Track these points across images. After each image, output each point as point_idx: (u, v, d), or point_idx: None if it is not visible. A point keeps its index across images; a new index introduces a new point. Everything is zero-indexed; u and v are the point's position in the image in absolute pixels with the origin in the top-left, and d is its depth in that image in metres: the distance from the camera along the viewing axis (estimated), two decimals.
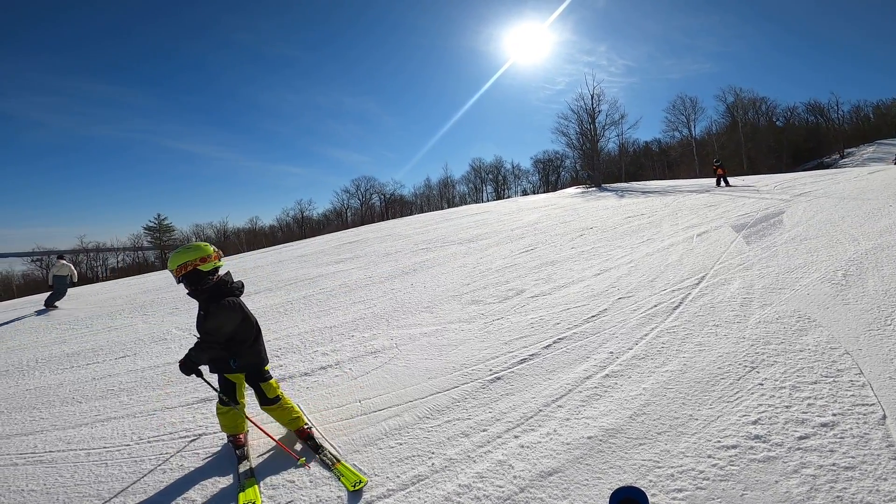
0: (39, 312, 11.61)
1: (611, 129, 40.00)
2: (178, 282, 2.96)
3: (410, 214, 59.61)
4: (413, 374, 4.14)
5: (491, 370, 4.00)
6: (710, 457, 2.59)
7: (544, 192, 51.25)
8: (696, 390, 3.29)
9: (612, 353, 4.08)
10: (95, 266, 59.34)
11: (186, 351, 2.95)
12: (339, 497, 2.61)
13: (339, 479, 2.74)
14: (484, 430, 3.08)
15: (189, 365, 2.87)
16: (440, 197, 75.14)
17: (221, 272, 3.08)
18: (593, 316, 5.06)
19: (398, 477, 2.72)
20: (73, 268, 14.34)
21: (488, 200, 63.87)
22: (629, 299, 5.51)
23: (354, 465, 2.88)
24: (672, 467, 2.53)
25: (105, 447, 3.54)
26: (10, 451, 3.76)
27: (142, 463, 3.20)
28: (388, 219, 60.36)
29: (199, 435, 3.57)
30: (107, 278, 46.56)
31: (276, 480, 2.84)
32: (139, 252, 63.31)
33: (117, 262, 62.16)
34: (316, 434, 3.21)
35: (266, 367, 3.19)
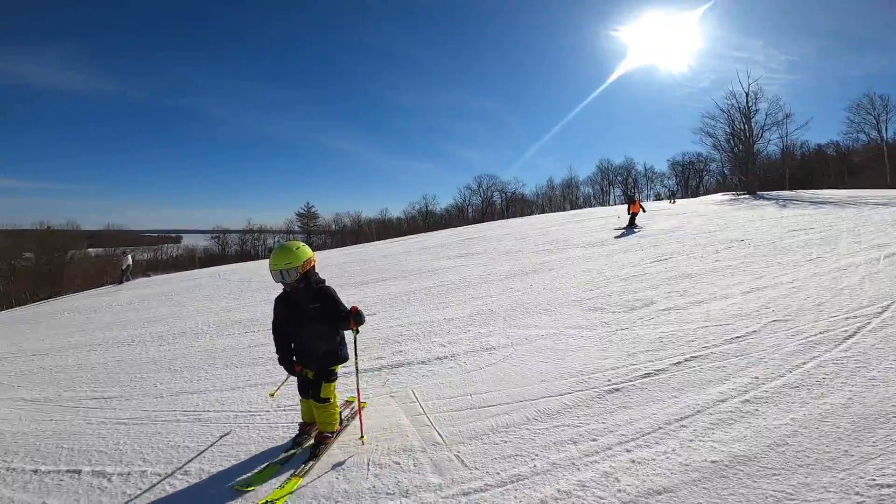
0: (206, 280, 14.07)
1: (771, 129, 34.36)
2: (293, 278, 2.99)
3: (531, 214, 58.72)
4: (526, 375, 4.10)
5: (609, 380, 3.77)
6: (857, 493, 2.19)
7: (681, 198, 46.35)
8: (858, 426, 2.74)
9: (756, 378, 3.56)
10: (257, 245, 69.72)
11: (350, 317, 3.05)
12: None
13: (279, 486, 2.79)
14: (594, 440, 2.93)
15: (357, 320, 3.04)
16: (563, 198, 72.61)
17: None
18: (738, 337, 4.45)
19: (497, 473, 2.71)
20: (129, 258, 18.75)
21: (616, 204, 59.93)
22: (787, 322, 4.72)
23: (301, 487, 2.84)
24: (807, 501, 2.15)
25: (250, 411, 4.07)
26: (176, 408, 4.34)
27: (275, 429, 3.61)
28: (508, 217, 60.43)
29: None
30: (264, 257, 54.13)
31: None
32: (290, 234, 72.91)
33: (274, 242, 72.30)
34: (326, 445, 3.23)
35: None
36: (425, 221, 71.84)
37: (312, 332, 3.13)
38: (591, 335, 4.98)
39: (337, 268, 14.46)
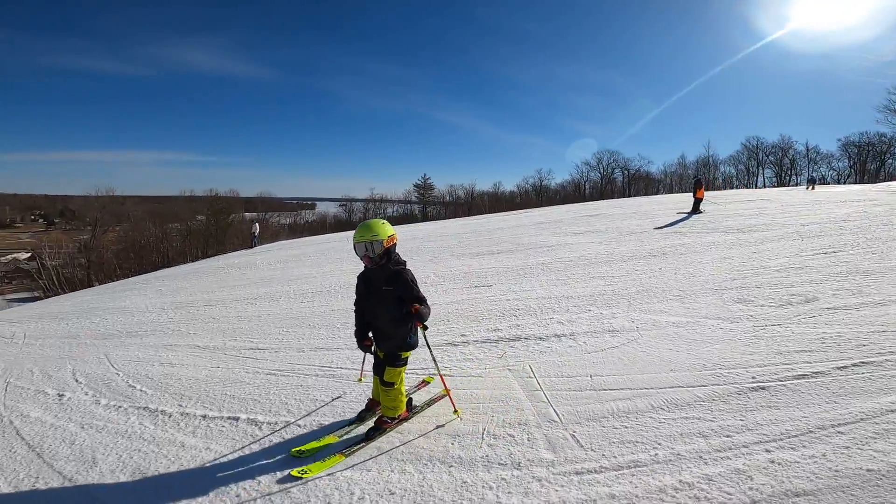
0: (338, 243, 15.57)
1: None
2: (378, 251, 2.99)
3: (657, 193, 53.66)
4: (653, 362, 3.91)
5: (753, 378, 3.42)
6: None
7: (854, 184, 38.07)
8: None
9: None
10: (378, 212, 74.71)
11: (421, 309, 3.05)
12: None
13: (321, 459, 2.92)
14: (728, 436, 2.72)
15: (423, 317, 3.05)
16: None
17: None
18: None
19: (615, 457, 2.66)
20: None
21: (765, 186, 51.66)
22: None
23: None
24: None
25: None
26: (314, 362, 4.82)
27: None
28: (630, 195, 55.98)
29: (444, 374, 4.28)
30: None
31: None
32: (408, 204, 76.83)
33: (393, 211, 76.94)
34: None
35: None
36: (539, 196, 70.07)
37: (385, 313, 3.09)
38: (733, 328, 4.52)
39: (452, 237, 14.95)
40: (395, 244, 3.11)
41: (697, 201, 15.25)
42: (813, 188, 25.47)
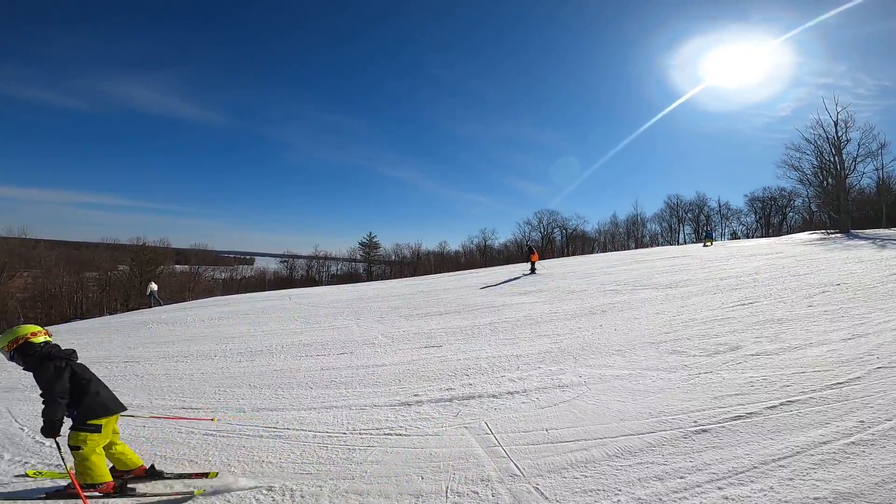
0: (278, 301, 14.92)
1: (865, 161, 31.37)
2: (10, 358, 3.18)
3: (592, 252, 57.16)
4: (603, 414, 4.04)
5: (695, 422, 3.63)
6: None
7: (762, 238, 43.02)
8: None
9: (863, 421, 3.33)
10: (322, 270, 72.93)
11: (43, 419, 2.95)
12: None
13: None
14: (681, 478, 2.85)
15: (48, 426, 2.92)
16: (627, 235, 69.93)
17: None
18: (840, 383, 4.14)
19: None
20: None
21: (686, 243, 56.83)
22: (895, 370, 4.32)
23: None
24: None
25: (327, 432, 4.22)
26: (258, 423, 4.58)
27: (353, 451, 3.77)
28: (567, 255, 59.13)
29: (400, 434, 4.10)
30: (328, 283, 56.34)
31: None
32: (353, 262, 75.70)
33: (337, 269, 75.37)
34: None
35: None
36: (483, 256, 72.03)
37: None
38: (671, 377, 4.81)
39: (400, 298, 14.88)
40: (23, 343, 3.16)
41: (532, 263, 19.31)
42: (711, 244, 28.21)
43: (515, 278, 17.75)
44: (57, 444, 3.05)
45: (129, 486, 3.29)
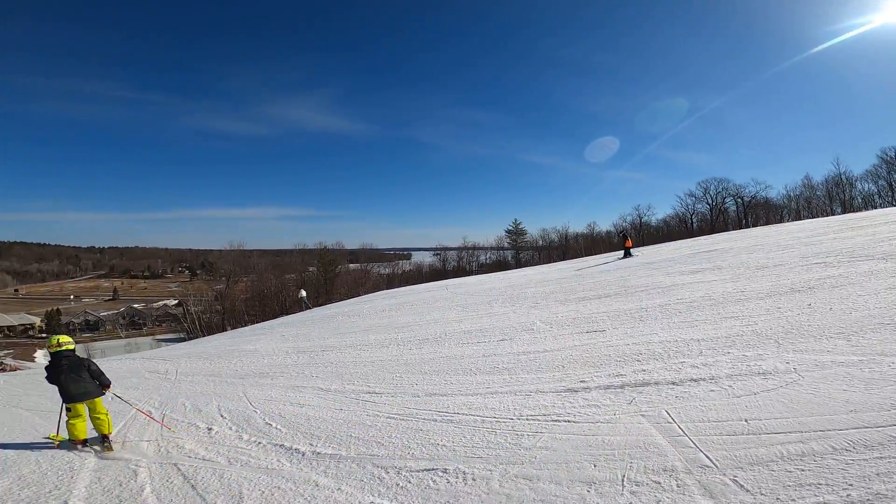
0: (437, 292, 15.84)
1: None
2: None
3: (780, 221, 47.47)
4: (825, 404, 3.33)
5: None
6: None
7: None
8: None
9: None
10: (472, 260, 75.78)
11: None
12: None
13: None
14: None
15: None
16: (829, 198, 56.06)
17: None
18: None
19: (793, 500, 2.35)
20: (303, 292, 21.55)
21: None
22: None
23: None
24: None
25: (494, 417, 4.31)
26: (431, 408, 4.86)
27: (521, 437, 3.79)
28: (747, 226, 50.17)
29: (569, 421, 3.99)
30: (477, 272, 58.22)
31: None
32: (500, 251, 76.83)
33: (486, 258, 77.41)
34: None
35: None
36: (638, 234, 65.93)
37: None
38: None
39: (553, 283, 14.56)
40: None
41: (627, 250, 19.41)
42: None
43: (679, 257, 15.85)
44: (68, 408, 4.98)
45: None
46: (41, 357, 50.31)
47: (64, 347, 4.96)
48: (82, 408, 4.93)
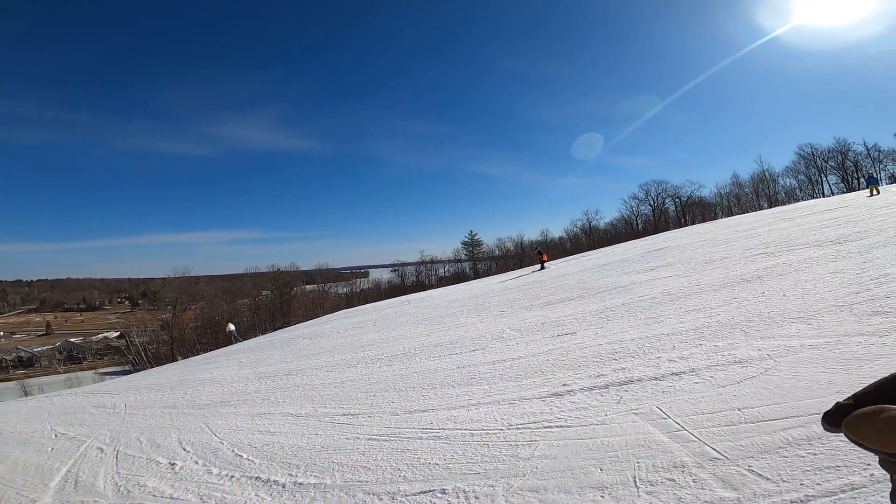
0: (400, 307, 15.55)
1: None
2: None
3: (714, 218, 51.02)
4: (810, 387, 3.40)
5: None
6: None
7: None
8: None
9: None
10: (430, 274, 75.69)
11: None
12: None
13: None
14: None
15: None
16: (756, 194, 61.14)
17: None
18: None
19: (819, 484, 2.31)
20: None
21: (832, 194, 47.96)
22: None
23: None
24: None
25: (483, 429, 4.08)
26: (413, 425, 4.59)
27: (516, 447, 3.61)
28: (686, 224, 53.48)
29: (562, 426, 3.86)
30: (435, 286, 58.29)
31: None
32: (458, 263, 77.28)
33: (444, 271, 77.53)
34: None
35: None
36: (589, 238, 68.52)
37: None
38: (886, 342, 3.93)
39: (516, 291, 14.67)
40: None
41: (542, 263, 22.40)
42: (877, 191, 22.88)
43: (632, 257, 16.50)
44: None
45: None
46: None
47: None
48: None
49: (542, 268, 21.85)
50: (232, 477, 4.13)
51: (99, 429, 6.92)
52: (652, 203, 67.21)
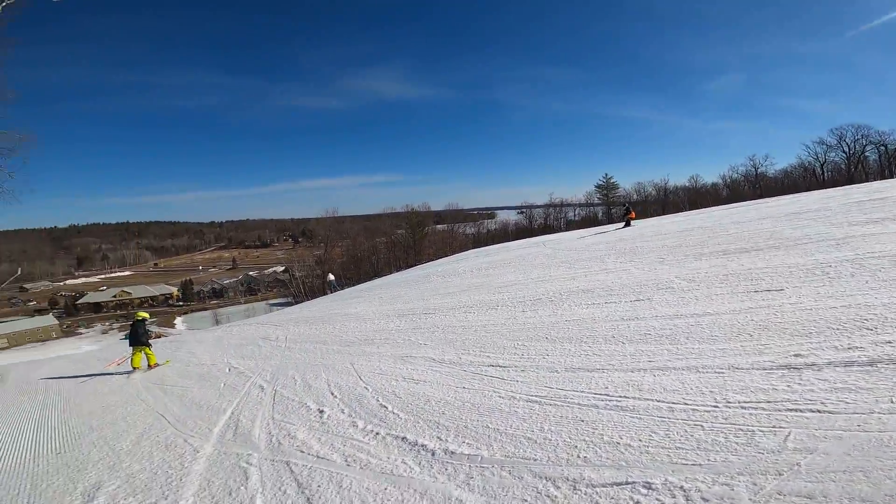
0: (534, 249, 14.49)
1: None
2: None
3: None
4: None
5: None
6: None
7: None
8: None
9: None
10: (559, 217, 72.75)
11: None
12: None
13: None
14: None
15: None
16: None
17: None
18: None
19: None
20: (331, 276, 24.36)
21: None
22: None
23: None
24: None
25: (686, 404, 3.16)
26: (581, 388, 3.84)
27: (753, 434, 2.60)
28: (892, 177, 41.56)
29: (819, 411, 2.73)
30: (566, 229, 55.70)
31: None
32: (590, 207, 72.44)
33: (574, 214, 73.63)
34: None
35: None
36: (754, 187, 57.84)
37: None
38: None
39: (672, 236, 12.62)
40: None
41: (628, 220, 20.39)
42: None
43: (835, 207, 12.95)
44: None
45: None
46: (180, 324, 57.38)
47: (139, 318, 9.27)
48: (138, 351, 9.07)
49: (627, 225, 20.21)
50: (377, 434, 3.82)
51: (263, 363, 7.67)
52: (847, 150, 53.42)
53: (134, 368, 8.91)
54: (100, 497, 3.62)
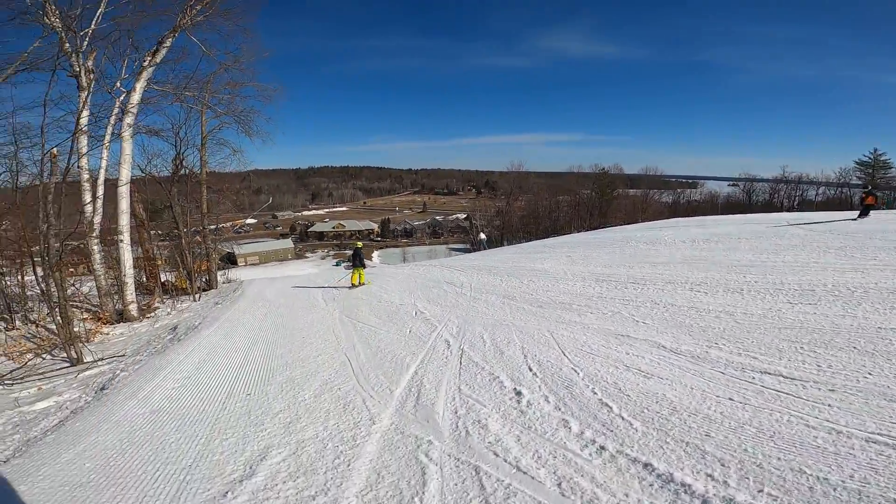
0: (764, 227, 10.95)
1: None
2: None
3: None
4: None
5: None
6: None
7: None
8: None
9: None
10: (793, 195, 58.52)
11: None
12: None
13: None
14: None
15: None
16: None
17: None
18: None
19: None
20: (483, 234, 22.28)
21: None
22: None
23: None
24: None
25: None
26: None
27: None
28: None
29: None
30: (798, 209, 44.30)
31: None
32: (842, 188, 55.02)
33: (816, 194, 57.69)
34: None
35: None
36: None
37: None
38: None
39: None
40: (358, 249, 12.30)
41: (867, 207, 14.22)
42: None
43: None
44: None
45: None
46: (376, 258, 66.11)
47: (357, 246, 12.09)
48: (356, 272, 11.65)
49: (863, 215, 13.87)
50: (603, 450, 2.79)
51: (449, 312, 7.39)
52: None
53: (352, 285, 11.61)
54: (259, 473, 3.13)
